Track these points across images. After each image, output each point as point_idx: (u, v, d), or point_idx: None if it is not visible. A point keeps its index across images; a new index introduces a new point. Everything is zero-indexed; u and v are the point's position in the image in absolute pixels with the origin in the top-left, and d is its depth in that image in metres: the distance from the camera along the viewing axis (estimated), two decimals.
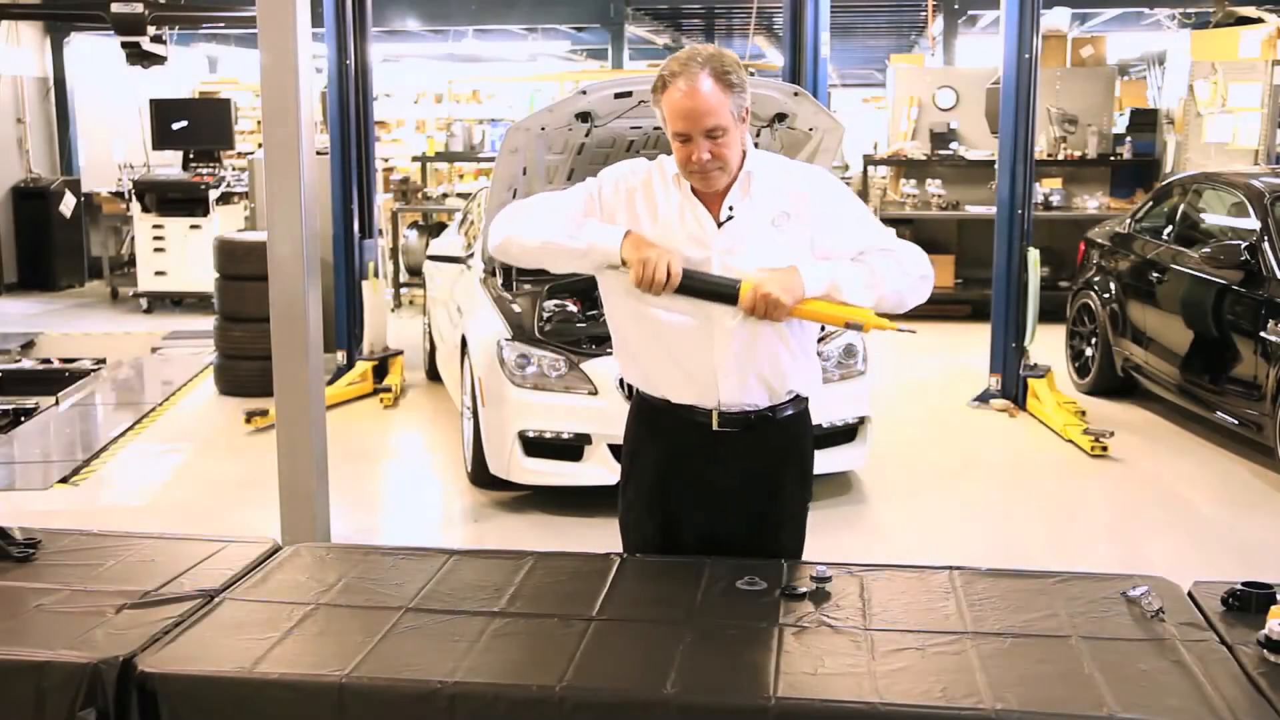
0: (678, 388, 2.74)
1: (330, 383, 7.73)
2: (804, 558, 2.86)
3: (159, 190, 11.71)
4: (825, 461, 5.97)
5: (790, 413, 2.79)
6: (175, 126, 12.07)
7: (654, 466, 2.81)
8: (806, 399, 2.84)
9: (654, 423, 2.80)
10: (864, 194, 12.53)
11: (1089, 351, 8.28)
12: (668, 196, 2.71)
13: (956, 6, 14.79)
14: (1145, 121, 11.87)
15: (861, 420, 6.06)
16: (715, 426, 2.72)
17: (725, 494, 2.78)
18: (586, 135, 6.12)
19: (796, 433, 2.84)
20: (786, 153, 6.36)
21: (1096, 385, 8.11)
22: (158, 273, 11.72)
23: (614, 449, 5.62)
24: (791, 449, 2.83)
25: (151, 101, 12.23)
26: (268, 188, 4.04)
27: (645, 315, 2.70)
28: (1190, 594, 2.50)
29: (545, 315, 6.05)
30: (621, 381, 5.58)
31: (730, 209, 2.67)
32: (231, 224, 11.53)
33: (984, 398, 7.82)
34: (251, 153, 12.77)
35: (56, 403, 8.15)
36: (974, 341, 8.82)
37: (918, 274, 2.74)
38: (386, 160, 13.57)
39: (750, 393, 2.72)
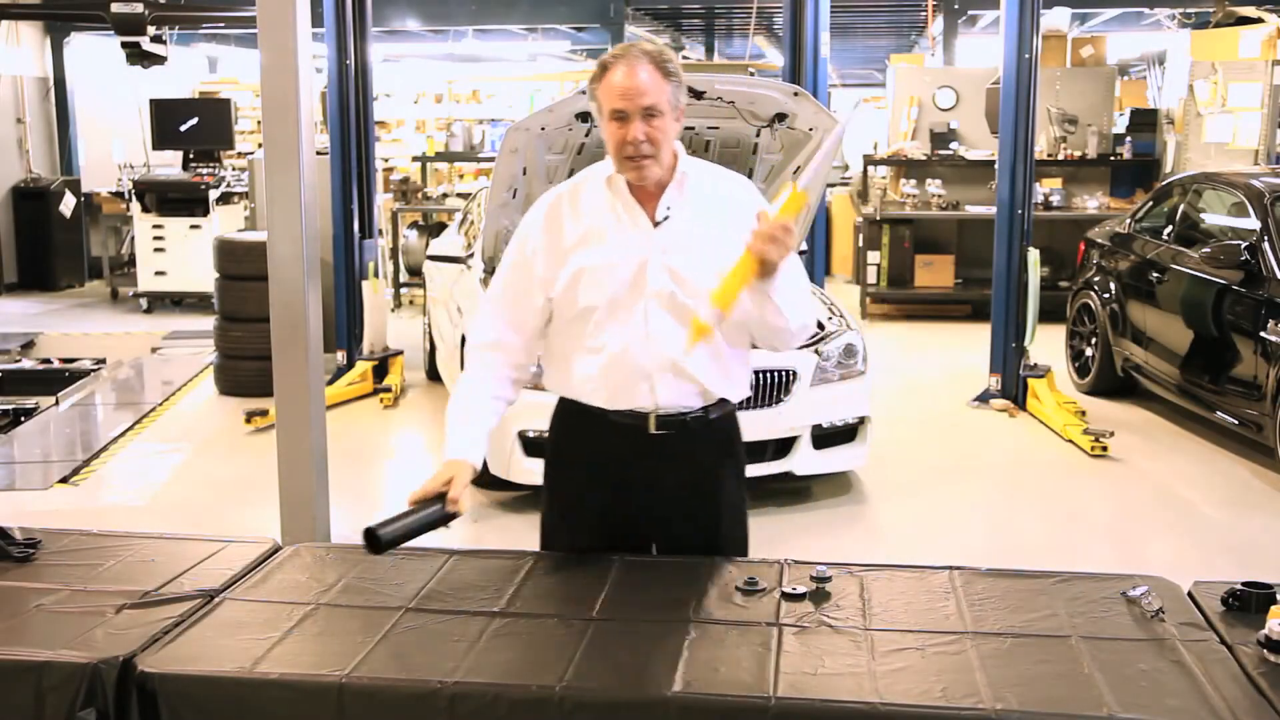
0: (615, 395, 2.72)
1: (330, 383, 7.73)
2: (798, 557, 2.85)
3: (159, 190, 11.71)
4: (825, 461, 5.99)
5: (723, 413, 2.82)
6: (184, 127, 12.07)
7: (588, 473, 2.80)
8: (734, 402, 2.86)
9: (587, 430, 2.78)
10: (864, 194, 12.54)
11: (1089, 351, 8.28)
12: (600, 201, 2.72)
13: (956, 6, 14.78)
14: (1145, 121, 11.88)
15: (861, 420, 6.07)
16: (652, 430, 2.72)
17: (665, 497, 2.78)
18: (586, 135, 6.11)
19: (730, 431, 2.86)
20: (786, 153, 6.37)
21: (1096, 385, 8.11)
22: (158, 273, 11.72)
23: None
24: (727, 447, 2.85)
25: (151, 101, 12.23)
26: (268, 188, 4.03)
27: (586, 331, 2.71)
28: (1190, 594, 2.50)
29: None
30: None
31: (668, 208, 2.69)
32: (231, 224, 11.53)
33: (984, 398, 7.83)
34: (251, 153, 12.77)
35: (56, 403, 8.15)
36: (974, 341, 8.82)
37: (809, 319, 2.78)
38: (386, 160, 13.57)
39: (685, 395, 2.73)
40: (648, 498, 2.78)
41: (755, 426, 5.76)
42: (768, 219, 2.50)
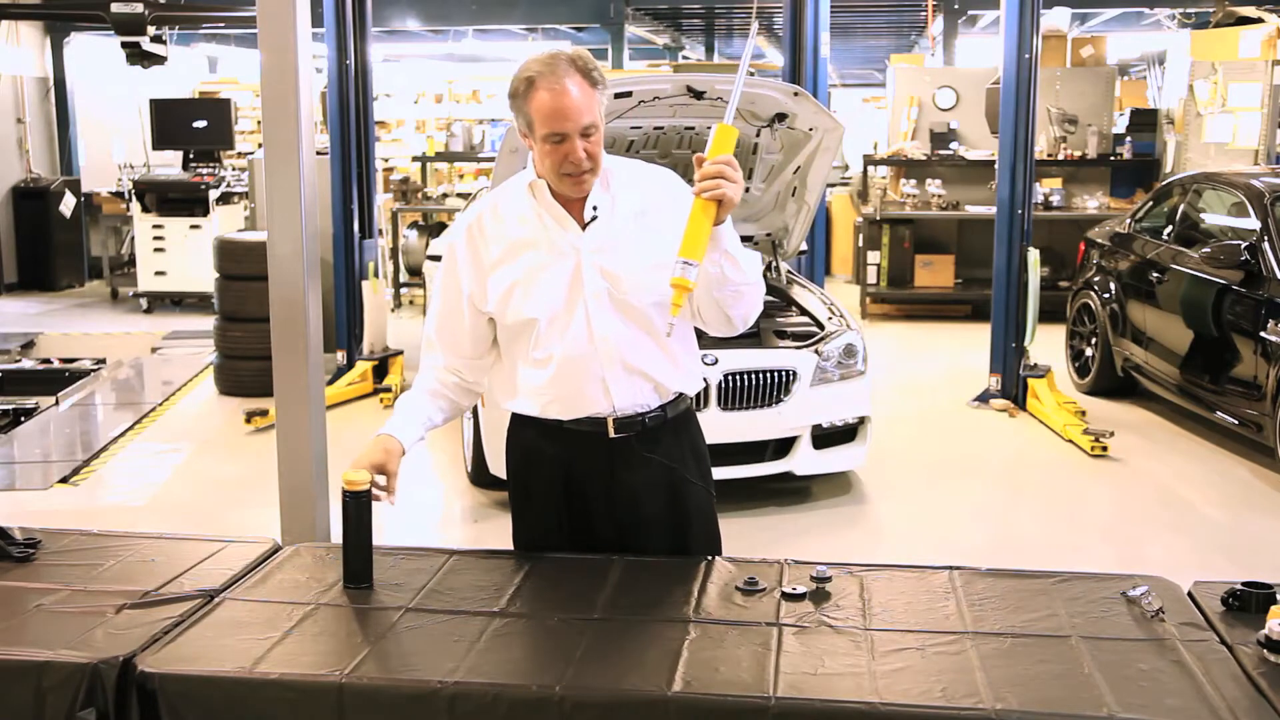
0: (570, 404, 2.69)
1: (330, 383, 7.73)
2: (798, 557, 2.85)
3: (159, 190, 11.72)
4: (825, 461, 5.99)
5: (680, 410, 2.79)
6: (196, 125, 12.07)
7: (551, 485, 2.76)
8: (690, 398, 2.84)
9: (543, 441, 2.75)
10: (864, 194, 12.54)
11: (1089, 351, 8.28)
12: (523, 208, 2.69)
13: (956, 6, 14.79)
14: (1145, 121, 11.88)
15: (861, 420, 6.07)
16: (611, 434, 2.70)
17: (631, 499, 2.75)
18: None
19: (690, 428, 2.84)
20: (786, 153, 6.37)
21: (1096, 385, 8.11)
22: (158, 273, 11.72)
23: None
24: (688, 444, 2.82)
25: (151, 101, 12.23)
26: (268, 188, 4.03)
27: (530, 343, 2.69)
28: (1190, 594, 2.50)
29: None
30: None
31: (595, 208, 2.65)
32: (231, 224, 11.53)
33: (984, 398, 7.83)
34: (251, 153, 12.77)
35: (56, 403, 8.15)
36: (974, 341, 8.82)
37: (759, 273, 2.71)
38: (386, 160, 13.57)
39: (641, 393, 2.70)
40: (612, 503, 2.75)
41: (755, 426, 5.78)
42: (704, 161, 2.44)
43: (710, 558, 2.70)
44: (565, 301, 2.64)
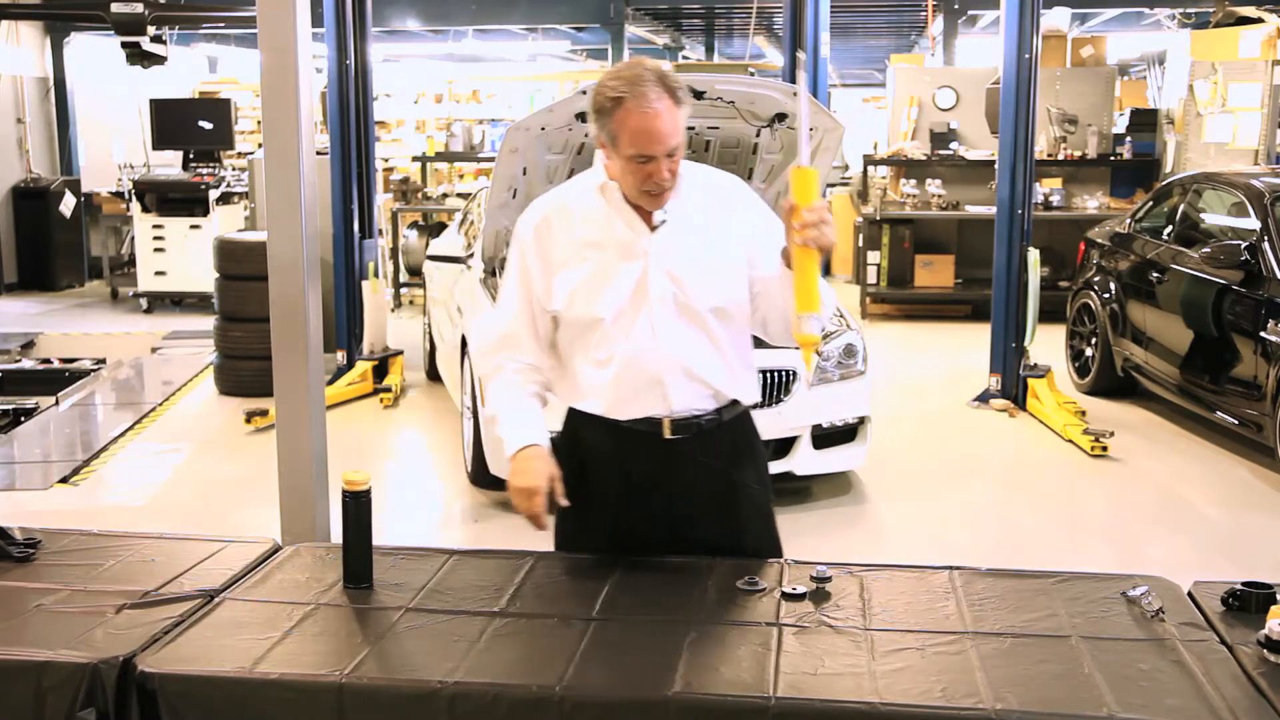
0: (628, 404, 2.70)
1: (330, 383, 7.73)
2: (798, 557, 2.85)
3: (159, 190, 11.72)
4: (825, 461, 5.99)
5: (737, 413, 2.80)
6: (197, 125, 12.06)
7: (606, 484, 2.76)
8: (749, 408, 2.84)
9: (600, 438, 2.75)
10: (864, 194, 12.54)
11: (1089, 351, 8.28)
12: (592, 209, 2.69)
13: (956, 6, 14.79)
14: (1145, 121, 11.88)
15: (861, 420, 6.06)
16: (667, 435, 2.70)
17: (684, 502, 2.74)
18: (586, 135, 6.11)
19: (747, 431, 2.84)
20: (786, 152, 6.37)
21: (1096, 385, 8.11)
22: (158, 273, 11.72)
23: None
24: (745, 447, 2.82)
25: (151, 101, 12.23)
26: (268, 188, 4.03)
27: (593, 342, 2.69)
28: (1190, 594, 2.50)
29: None
30: None
31: (664, 212, 2.66)
32: (231, 224, 11.53)
33: (984, 398, 7.83)
34: (251, 153, 12.77)
35: (56, 403, 8.15)
36: (974, 341, 8.82)
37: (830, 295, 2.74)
38: (386, 160, 13.57)
39: (698, 398, 2.70)
40: (666, 504, 2.74)
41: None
42: (800, 210, 2.44)
43: (709, 558, 2.70)
44: (630, 303, 2.65)
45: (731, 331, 2.72)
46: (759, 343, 2.85)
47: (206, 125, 12.07)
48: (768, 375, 5.75)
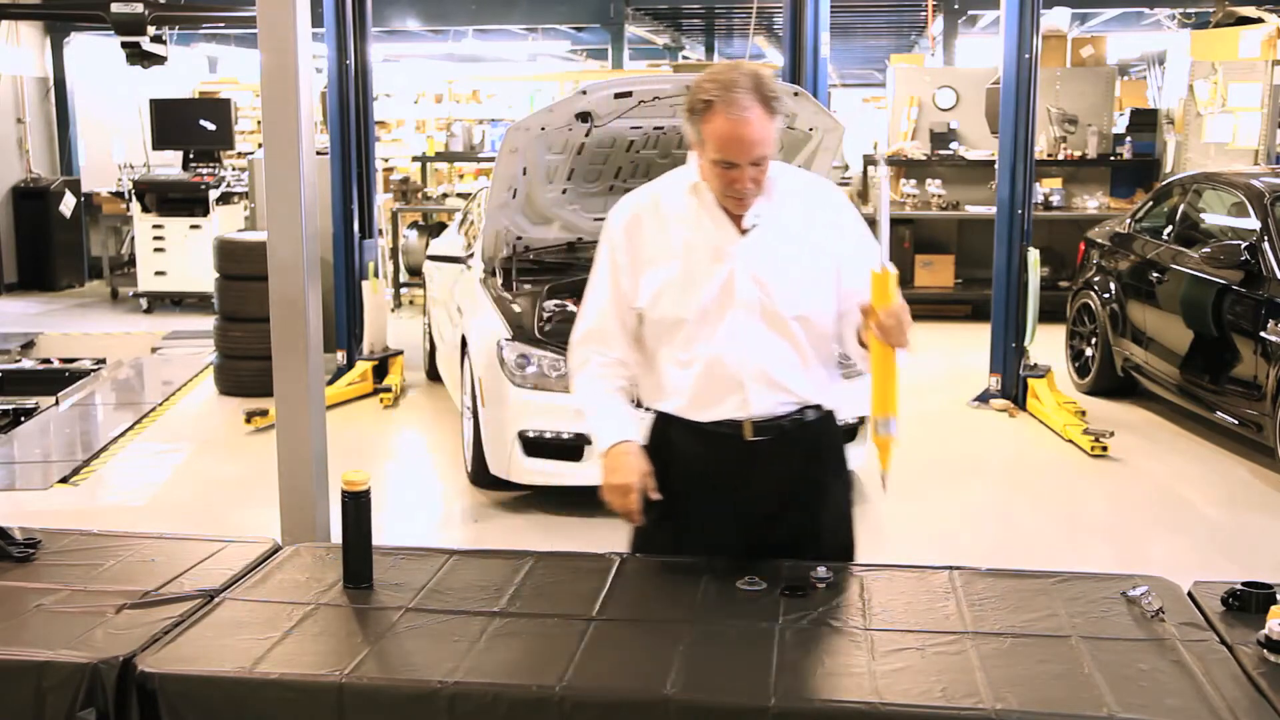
0: (708, 406, 2.68)
1: (330, 383, 7.73)
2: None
3: (159, 190, 11.71)
4: None
5: (819, 416, 2.76)
6: (197, 125, 12.06)
7: (684, 479, 2.72)
8: (830, 411, 2.80)
9: (681, 437, 2.73)
10: (864, 194, 12.53)
11: (1089, 351, 8.28)
12: (684, 208, 2.68)
13: (956, 6, 14.79)
14: (1145, 121, 11.88)
15: (862, 420, 6.05)
16: (748, 436, 2.68)
17: (762, 502, 2.72)
18: (586, 135, 6.12)
19: (830, 433, 2.79)
20: (786, 152, 6.36)
21: (1096, 385, 8.11)
22: (158, 273, 11.72)
23: None
24: (827, 449, 2.79)
25: (151, 101, 12.23)
26: (268, 188, 4.03)
27: (676, 343, 2.68)
28: (1190, 594, 2.50)
29: (545, 315, 6.05)
30: None
31: (756, 216, 2.64)
32: (231, 224, 11.53)
33: (984, 398, 7.83)
34: (251, 153, 12.77)
35: (56, 403, 8.15)
36: (974, 341, 8.82)
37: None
38: (386, 160, 13.57)
39: (779, 404, 2.68)
40: (746, 505, 2.72)
41: None
42: (878, 312, 2.45)
43: (709, 558, 2.70)
44: (715, 305, 2.64)
45: (815, 338, 2.69)
46: None
47: (207, 125, 12.07)
48: None
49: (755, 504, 2.73)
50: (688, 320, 2.65)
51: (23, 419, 7.78)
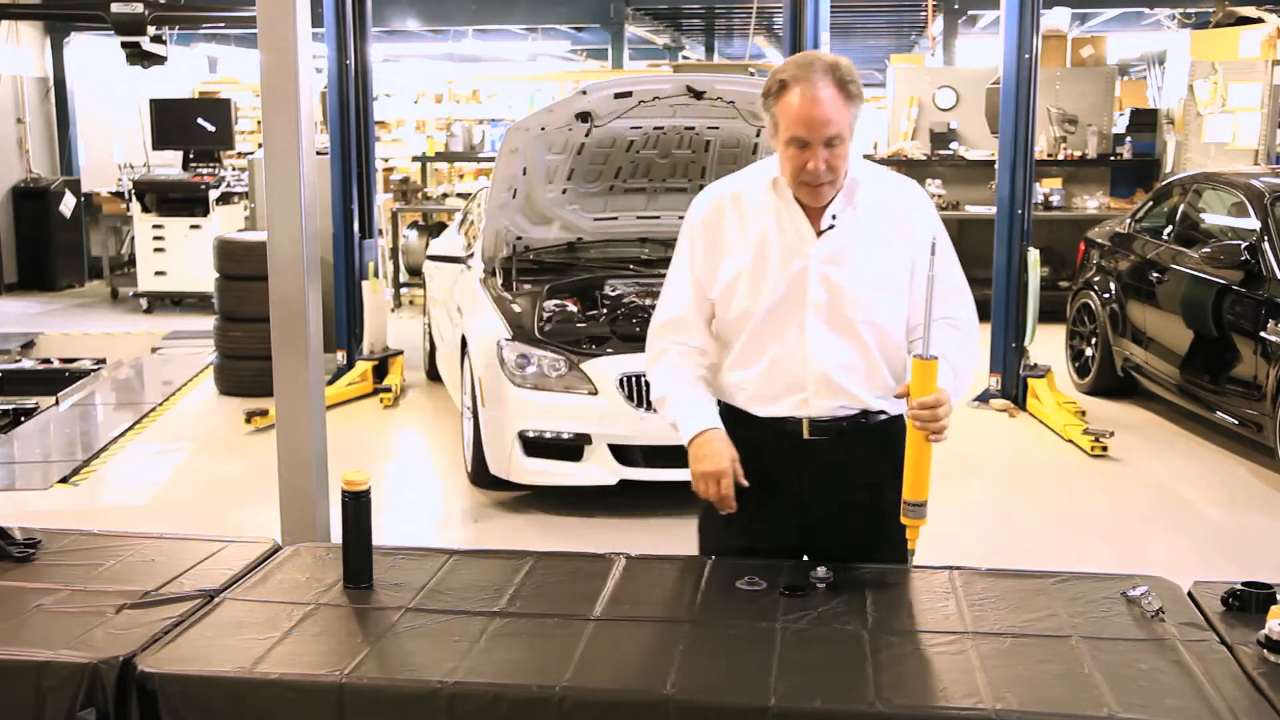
0: (769, 402, 2.68)
1: (330, 383, 7.73)
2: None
3: (159, 190, 11.71)
4: None
5: (880, 420, 2.73)
6: (197, 125, 12.06)
7: (745, 475, 2.69)
8: (897, 416, 2.75)
9: (741, 433, 2.70)
10: None
11: (1089, 351, 8.28)
12: (763, 203, 2.67)
13: (956, 6, 14.79)
14: (1145, 121, 11.87)
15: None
16: (806, 435, 2.67)
17: (819, 502, 2.71)
18: (586, 135, 6.12)
19: (892, 436, 2.71)
20: None
21: (1096, 385, 8.11)
22: (158, 273, 11.72)
23: (614, 449, 5.63)
24: (887, 453, 2.70)
25: (151, 101, 12.23)
26: (268, 188, 4.03)
27: (744, 337, 2.68)
28: (1190, 594, 2.50)
29: (545, 315, 6.05)
30: (621, 382, 5.58)
31: (834, 217, 2.62)
32: (231, 224, 11.53)
33: (984, 398, 7.82)
34: (251, 153, 12.77)
35: (56, 403, 8.15)
36: None
37: (975, 362, 2.75)
38: (386, 160, 13.57)
39: (840, 408, 2.66)
40: (802, 503, 2.71)
41: None
42: (913, 404, 2.46)
43: (709, 558, 2.70)
44: (784, 303, 2.63)
45: (886, 344, 2.67)
46: None
47: (207, 126, 12.07)
48: None
49: (810, 505, 2.71)
50: (755, 315, 2.65)
51: (23, 419, 7.78)
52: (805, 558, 2.70)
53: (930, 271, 2.49)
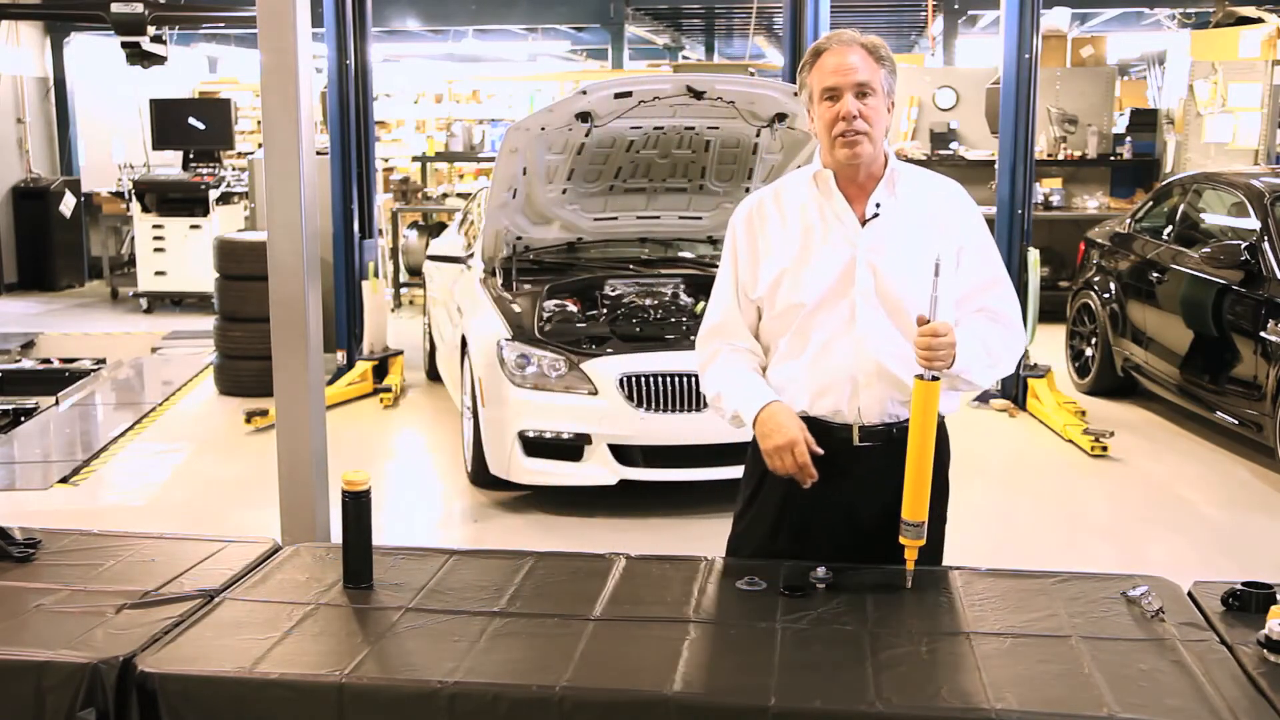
0: (818, 396, 2.67)
1: (330, 383, 7.73)
2: (722, 554, 2.81)
3: (159, 190, 11.72)
4: None
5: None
6: (196, 125, 12.06)
7: (787, 486, 2.68)
8: (943, 416, 2.73)
9: None
10: None
11: (1089, 351, 8.28)
12: (805, 197, 2.70)
13: (956, 6, 14.79)
14: (1145, 121, 11.87)
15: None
16: (856, 441, 2.66)
17: (864, 507, 2.69)
18: (586, 135, 6.12)
19: (939, 440, 2.68)
20: (786, 153, 6.37)
21: (1096, 385, 8.11)
22: (158, 273, 11.72)
23: (614, 449, 5.63)
24: (934, 456, 2.65)
25: (151, 101, 12.23)
26: (268, 188, 4.03)
27: (793, 331, 2.68)
28: (1190, 594, 2.50)
29: (545, 315, 6.05)
30: (621, 381, 5.58)
31: (877, 205, 2.65)
32: (231, 224, 11.53)
33: (984, 398, 7.82)
34: (251, 153, 12.77)
35: (56, 403, 8.15)
36: None
37: (1015, 353, 2.76)
38: (386, 160, 13.57)
39: (891, 404, 2.66)
40: (847, 508, 2.70)
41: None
42: (919, 331, 2.48)
43: (709, 558, 2.70)
44: (833, 291, 2.64)
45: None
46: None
47: (199, 124, 12.06)
48: None
49: (854, 510, 2.70)
50: (805, 306, 2.65)
51: (23, 419, 7.78)
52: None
53: (934, 293, 2.50)
